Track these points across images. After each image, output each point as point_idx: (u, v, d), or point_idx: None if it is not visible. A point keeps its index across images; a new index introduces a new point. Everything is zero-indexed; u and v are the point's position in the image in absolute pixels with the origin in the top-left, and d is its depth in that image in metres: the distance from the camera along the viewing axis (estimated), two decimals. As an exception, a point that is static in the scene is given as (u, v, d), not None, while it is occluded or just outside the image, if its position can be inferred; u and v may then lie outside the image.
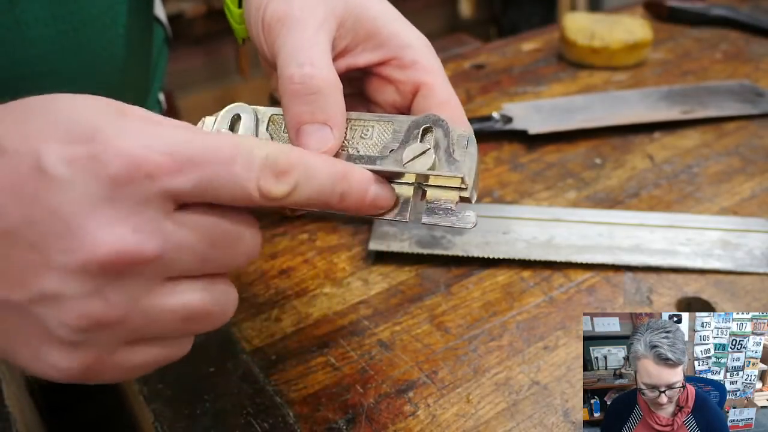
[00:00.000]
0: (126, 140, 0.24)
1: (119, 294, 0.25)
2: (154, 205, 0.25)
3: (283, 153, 0.28)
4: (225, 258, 0.28)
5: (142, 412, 0.42)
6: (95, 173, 0.24)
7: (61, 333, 0.25)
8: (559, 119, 0.68)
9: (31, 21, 0.48)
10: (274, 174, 0.27)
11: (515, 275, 0.50)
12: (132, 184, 0.24)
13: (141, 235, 0.24)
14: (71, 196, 0.24)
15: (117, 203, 0.24)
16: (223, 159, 0.26)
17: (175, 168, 0.25)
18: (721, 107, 0.70)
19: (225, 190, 0.26)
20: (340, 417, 0.40)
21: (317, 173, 0.29)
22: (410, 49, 0.36)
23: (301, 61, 0.32)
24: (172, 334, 0.28)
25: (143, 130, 0.25)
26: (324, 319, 0.47)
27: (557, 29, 0.86)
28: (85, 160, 0.24)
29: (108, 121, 0.25)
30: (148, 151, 0.24)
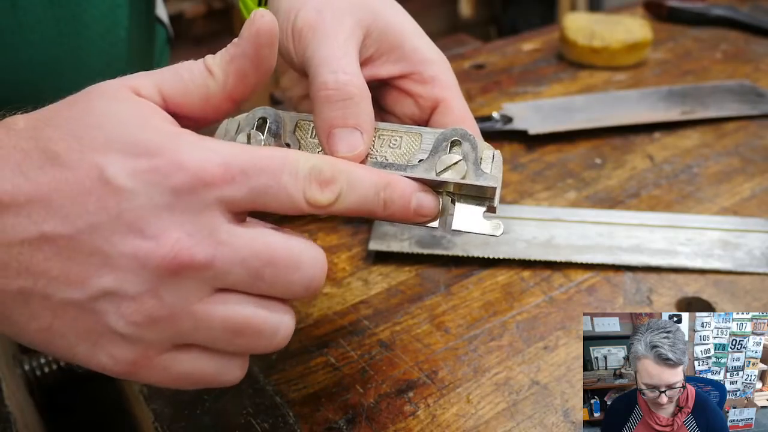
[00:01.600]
0: (185, 154, 0.27)
1: (172, 295, 0.27)
2: (210, 213, 0.27)
3: (327, 164, 0.29)
4: (279, 280, 0.28)
5: (142, 412, 0.42)
6: (158, 184, 0.26)
7: (118, 326, 0.27)
8: (559, 119, 0.68)
9: (33, 23, 0.48)
10: (319, 183, 0.29)
11: (515, 275, 0.50)
12: (191, 194, 0.26)
13: (195, 240, 0.26)
14: (135, 204, 0.26)
15: (176, 211, 0.26)
16: (272, 170, 0.28)
17: (229, 178, 0.27)
18: (721, 107, 0.70)
19: (274, 198, 0.28)
20: (340, 417, 0.40)
21: (360, 182, 0.30)
22: (431, 64, 0.37)
23: (335, 69, 0.34)
24: (221, 345, 0.29)
25: (198, 144, 0.27)
26: (324, 319, 0.47)
27: (557, 29, 0.86)
28: (148, 172, 0.26)
29: (166, 136, 0.27)
30: (205, 163, 0.27)
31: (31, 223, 0.26)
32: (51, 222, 0.26)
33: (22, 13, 0.47)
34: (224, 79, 0.31)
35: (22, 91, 0.50)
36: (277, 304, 0.29)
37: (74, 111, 0.28)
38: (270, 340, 0.29)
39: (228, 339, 0.29)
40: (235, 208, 0.28)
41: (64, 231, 0.26)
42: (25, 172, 0.26)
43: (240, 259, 0.27)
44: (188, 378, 0.29)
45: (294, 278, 0.29)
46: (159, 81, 0.30)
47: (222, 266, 0.27)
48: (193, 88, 0.30)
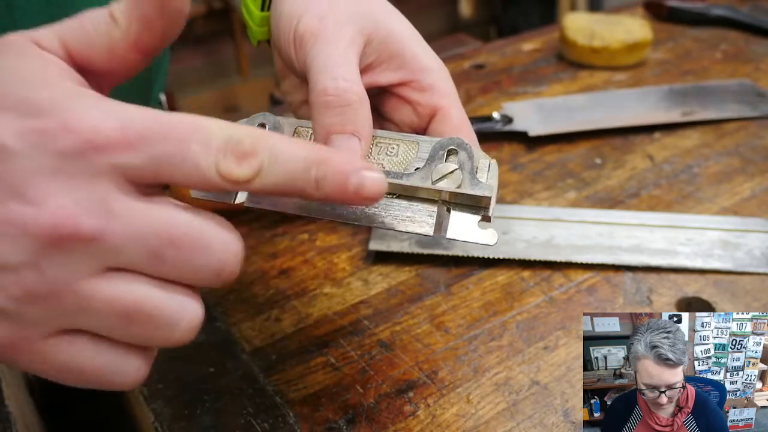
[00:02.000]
0: (78, 114, 0.24)
1: (54, 268, 0.24)
2: (103, 182, 0.24)
3: (248, 135, 0.26)
4: (184, 263, 0.25)
5: (142, 412, 0.42)
6: (45, 146, 0.24)
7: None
8: (559, 119, 0.68)
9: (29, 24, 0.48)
10: (236, 155, 0.25)
11: (515, 275, 0.50)
12: (80, 158, 0.24)
13: (82, 209, 0.24)
14: (18, 166, 0.24)
15: (64, 176, 0.24)
16: (177, 136, 0.25)
17: (125, 143, 0.24)
18: (721, 108, 0.70)
19: (180, 169, 0.25)
20: (340, 417, 0.40)
21: (287, 156, 0.26)
22: (430, 72, 0.38)
23: (335, 75, 0.33)
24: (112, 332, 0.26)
25: (96, 105, 0.25)
26: (324, 319, 0.47)
27: (557, 29, 0.86)
28: (36, 133, 0.24)
29: (63, 94, 0.25)
30: (99, 125, 0.24)
31: None
32: None
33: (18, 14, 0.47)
34: (127, 25, 0.28)
35: None
36: (181, 289, 0.26)
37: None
38: (170, 331, 0.26)
39: (119, 326, 0.26)
40: (133, 177, 0.25)
41: None
42: None
43: (135, 235, 0.24)
44: (73, 371, 0.26)
45: (201, 262, 0.26)
46: (61, 33, 0.28)
47: (112, 240, 0.24)
48: (96, 37, 0.28)
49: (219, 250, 0.26)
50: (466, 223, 0.34)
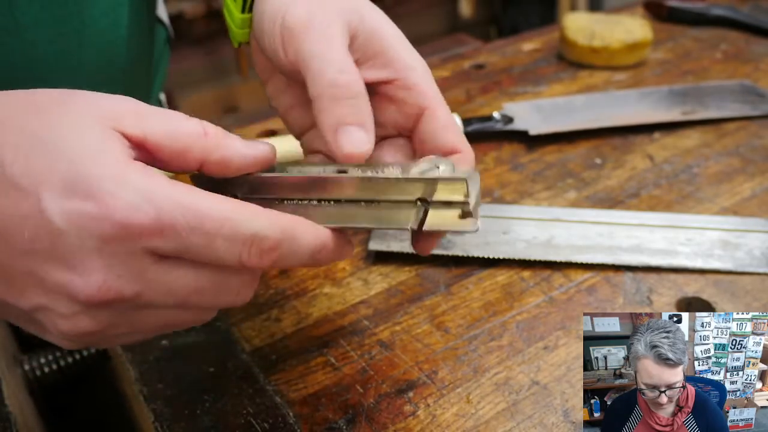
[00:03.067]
0: (118, 201, 0.27)
1: (104, 315, 0.29)
2: (137, 258, 0.28)
3: (272, 230, 0.29)
4: (204, 304, 0.31)
5: (142, 412, 0.42)
6: (88, 230, 0.27)
7: (58, 336, 0.29)
8: (559, 119, 0.68)
9: (31, 23, 0.48)
10: (260, 250, 0.29)
11: (515, 275, 0.50)
12: (118, 243, 0.27)
13: (123, 280, 0.28)
14: (66, 242, 0.27)
15: (105, 254, 0.27)
16: (206, 230, 0.28)
17: (157, 232, 0.27)
18: (721, 108, 0.70)
19: (204, 256, 0.29)
20: (340, 417, 0.40)
21: (300, 249, 0.31)
22: (414, 71, 0.37)
23: (341, 68, 0.34)
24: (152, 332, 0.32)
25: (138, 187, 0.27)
26: (324, 319, 0.47)
27: (557, 29, 0.86)
28: (81, 217, 0.27)
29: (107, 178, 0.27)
30: (136, 214, 0.27)
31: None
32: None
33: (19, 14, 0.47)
34: (212, 151, 0.31)
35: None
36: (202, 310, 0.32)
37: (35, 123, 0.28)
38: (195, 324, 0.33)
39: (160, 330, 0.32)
40: (164, 253, 0.28)
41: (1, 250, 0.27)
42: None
43: (166, 291, 0.29)
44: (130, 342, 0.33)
45: (218, 302, 0.31)
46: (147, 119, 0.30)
47: (149, 298, 0.29)
48: (179, 136, 0.30)
49: (234, 293, 0.31)
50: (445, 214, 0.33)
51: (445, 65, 0.82)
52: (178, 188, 0.28)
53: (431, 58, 0.84)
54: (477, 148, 0.65)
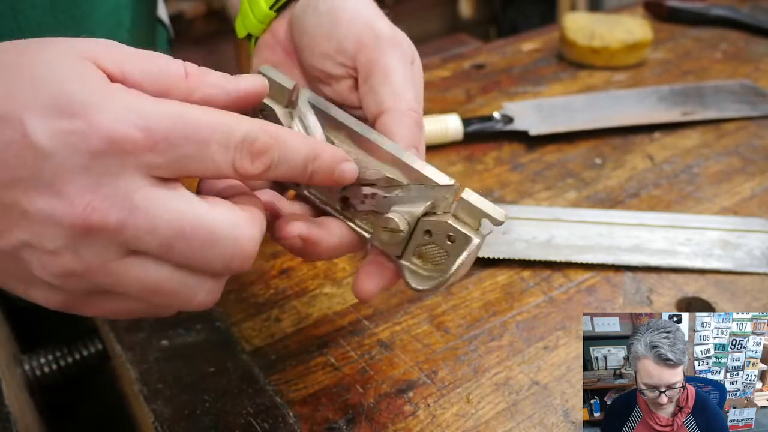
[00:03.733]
0: (107, 115, 0.26)
1: (87, 252, 0.27)
2: (127, 177, 0.27)
3: (262, 132, 0.29)
4: (193, 254, 0.28)
5: (142, 412, 0.42)
6: (75, 147, 0.26)
7: (42, 275, 0.28)
8: (559, 119, 0.68)
9: (34, 27, 0.48)
10: (251, 153, 0.29)
11: (515, 275, 0.50)
12: (108, 158, 0.26)
13: (108, 203, 0.26)
14: (52, 163, 0.26)
15: (93, 173, 0.26)
16: (200, 138, 0.27)
17: (149, 145, 0.26)
18: (721, 108, 0.70)
19: (199, 166, 0.28)
20: (340, 417, 0.40)
21: (293, 154, 0.30)
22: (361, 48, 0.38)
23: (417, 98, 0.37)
24: (142, 299, 0.30)
25: (126, 104, 0.27)
26: (324, 319, 0.47)
27: (557, 29, 0.86)
28: (67, 134, 0.26)
29: (92, 95, 0.26)
30: (126, 127, 0.26)
31: None
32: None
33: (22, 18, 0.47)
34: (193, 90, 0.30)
35: None
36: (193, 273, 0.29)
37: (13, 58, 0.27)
38: (186, 305, 0.30)
39: (146, 296, 0.29)
40: (155, 173, 0.27)
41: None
42: None
43: (151, 227, 0.27)
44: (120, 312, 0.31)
45: (209, 255, 0.28)
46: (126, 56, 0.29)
47: (133, 231, 0.27)
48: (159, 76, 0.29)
49: (226, 246, 0.29)
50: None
51: (445, 65, 0.82)
52: (166, 102, 0.28)
53: (431, 58, 0.84)
54: (477, 148, 0.65)
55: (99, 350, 0.50)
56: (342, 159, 0.33)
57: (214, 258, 0.29)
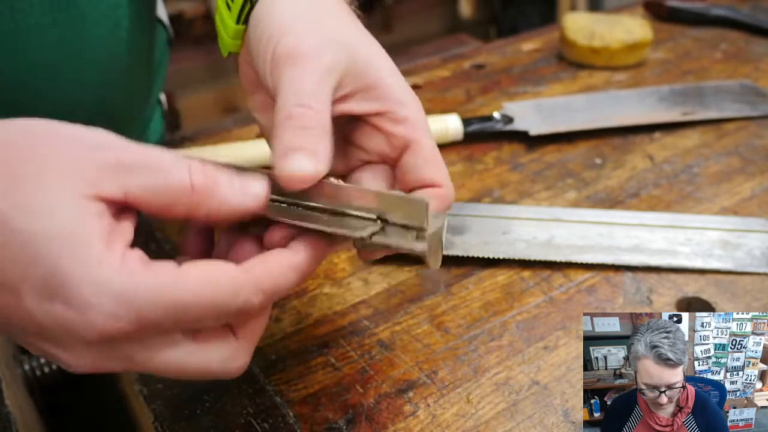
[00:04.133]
0: (98, 313, 0.27)
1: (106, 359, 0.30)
2: (122, 348, 0.29)
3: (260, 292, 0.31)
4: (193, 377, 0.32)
5: (142, 412, 0.42)
6: (73, 333, 0.28)
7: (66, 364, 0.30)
8: (559, 119, 0.68)
9: (32, 26, 0.48)
10: (247, 315, 0.32)
11: (515, 275, 0.50)
12: (105, 344, 0.28)
13: (113, 363, 0.29)
14: (54, 335, 0.28)
15: (93, 350, 0.29)
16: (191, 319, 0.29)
17: (142, 331, 0.28)
18: (721, 108, 0.70)
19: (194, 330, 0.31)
20: (340, 417, 0.40)
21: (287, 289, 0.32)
22: (405, 105, 0.37)
23: (302, 102, 0.34)
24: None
25: (115, 291, 0.27)
26: (324, 319, 0.47)
27: (557, 29, 0.86)
28: (63, 321, 0.27)
29: (85, 283, 0.27)
30: (116, 323, 0.27)
31: None
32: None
33: (20, 17, 0.47)
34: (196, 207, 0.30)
35: (22, 94, 0.50)
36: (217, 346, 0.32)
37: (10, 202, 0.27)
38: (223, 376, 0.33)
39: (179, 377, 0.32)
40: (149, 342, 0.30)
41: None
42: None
43: (153, 371, 0.30)
44: None
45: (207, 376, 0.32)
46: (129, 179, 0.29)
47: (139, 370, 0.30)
48: (163, 193, 0.29)
49: (219, 375, 0.32)
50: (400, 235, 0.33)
51: (445, 65, 0.82)
52: (159, 281, 0.28)
53: (431, 58, 0.84)
54: (477, 148, 0.65)
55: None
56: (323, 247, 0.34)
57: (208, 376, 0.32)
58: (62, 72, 0.51)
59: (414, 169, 0.37)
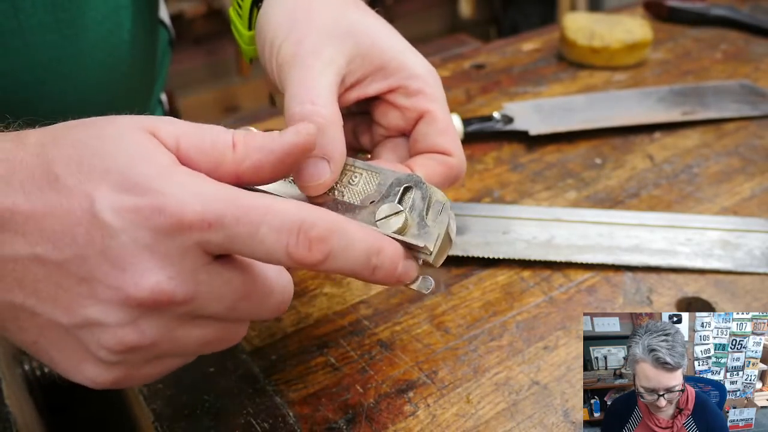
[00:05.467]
0: (169, 197, 0.27)
1: (152, 326, 0.28)
2: (190, 255, 0.28)
3: (321, 219, 0.28)
4: (251, 310, 0.30)
5: (142, 412, 0.42)
6: (140, 225, 0.27)
7: (100, 354, 0.29)
8: (559, 119, 0.68)
9: (35, 26, 0.48)
10: (308, 240, 0.28)
11: (515, 275, 0.50)
12: (170, 237, 0.27)
13: (175, 282, 0.27)
14: (119, 241, 0.27)
15: (157, 252, 0.27)
16: (249, 221, 0.28)
17: (206, 225, 0.27)
18: (721, 108, 0.70)
19: (251, 249, 0.28)
20: (340, 417, 0.40)
21: (354, 244, 0.30)
22: (417, 78, 0.38)
23: (303, 100, 0.35)
24: (186, 353, 0.32)
25: (186, 185, 0.28)
26: (324, 319, 0.47)
27: (557, 29, 0.86)
28: (132, 212, 0.27)
29: (158, 177, 0.28)
30: (185, 207, 0.27)
31: (26, 243, 0.27)
32: (43, 246, 0.27)
33: (23, 16, 0.47)
34: (242, 158, 0.31)
35: (23, 94, 0.50)
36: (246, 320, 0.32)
37: (84, 134, 0.29)
38: (231, 344, 0.32)
39: (197, 350, 0.31)
40: (212, 251, 0.28)
41: (54, 257, 0.27)
42: (27, 191, 0.27)
43: (218, 296, 0.29)
44: (157, 376, 0.32)
45: (264, 307, 0.31)
46: (181, 132, 0.30)
47: (201, 303, 0.29)
48: (210, 150, 0.30)
49: (279, 294, 0.31)
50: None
51: (445, 65, 0.82)
52: (222, 185, 0.29)
53: (431, 58, 0.83)
54: (477, 148, 0.65)
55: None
56: (403, 255, 0.32)
57: (267, 309, 0.31)
58: (64, 72, 0.51)
59: (425, 138, 0.38)
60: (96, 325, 0.28)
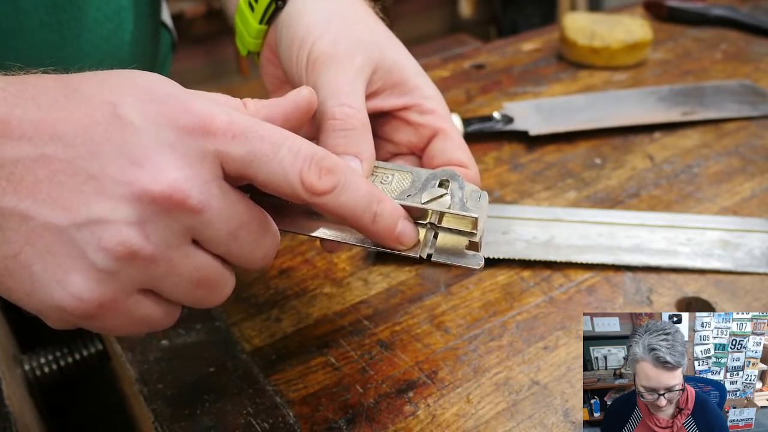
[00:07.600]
0: (195, 103, 0.28)
1: (157, 232, 0.28)
2: (208, 163, 0.28)
3: (330, 156, 0.31)
4: (247, 246, 0.30)
5: (142, 412, 0.42)
6: (165, 123, 0.27)
7: (96, 258, 0.27)
8: (559, 119, 0.68)
9: (36, 27, 0.48)
10: (318, 168, 0.30)
11: (515, 275, 0.50)
12: (194, 138, 0.28)
13: (191, 184, 0.27)
14: (140, 138, 0.27)
15: (178, 152, 0.27)
16: (272, 139, 0.29)
17: (230, 133, 0.28)
18: (721, 108, 0.70)
19: (269, 168, 0.29)
20: (340, 417, 0.40)
21: (358, 186, 0.32)
22: (431, 99, 0.41)
23: (342, 102, 0.37)
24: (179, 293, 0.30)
25: (210, 101, 0.29)
26: (324, 319, 0.47)
27: (557, 29, 0.86)
28: (158, 113, 0.28)
29: (181, 91, 0.29)
30: (212, 112, 0.28)
31: (33, 145, 0.26)
32: (52, 146, 0.27)
33: (24, 17, 0.47)
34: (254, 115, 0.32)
35: None
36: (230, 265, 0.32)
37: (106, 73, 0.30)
38: (217, 298, 0.32)
39: (188, 290, 0.30)
40: (231, 165, 0.29)
41: (63, 155, 0.27)
42: (40, 102, 0.27)
43: (224, 214, 0.29)
44: (140, 324, 0.30)
45: (259, 244, 0.31)
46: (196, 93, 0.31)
47: (209, 216, 0.28)
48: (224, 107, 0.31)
49: (272, 236, 0.32)
50: (452, 246, 0.35)
51: (445, 65, 0.82)
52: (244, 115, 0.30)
53: (431, 58, 0.84)
54: (477, 148, 0.65)
55: (99, 350, 0.50)
56: (403, 214, 0.34)
57: (262, 248, 0.31)
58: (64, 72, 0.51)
59: (443, 153, 0.40)
60: (100, 222, 0.27)
